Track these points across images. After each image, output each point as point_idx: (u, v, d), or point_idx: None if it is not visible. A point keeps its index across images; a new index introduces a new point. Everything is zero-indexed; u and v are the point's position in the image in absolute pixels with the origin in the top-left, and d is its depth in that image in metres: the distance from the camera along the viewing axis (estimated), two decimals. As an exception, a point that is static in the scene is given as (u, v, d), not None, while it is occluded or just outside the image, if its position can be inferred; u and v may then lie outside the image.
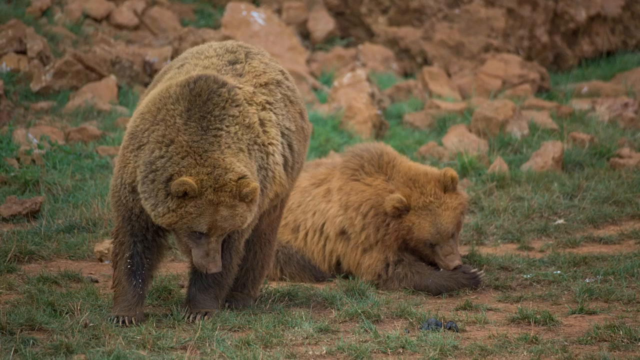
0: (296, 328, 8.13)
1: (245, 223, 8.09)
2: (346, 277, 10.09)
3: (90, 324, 7.99)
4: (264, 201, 8.40)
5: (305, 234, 10.25)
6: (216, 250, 8.04)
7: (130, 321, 8.13)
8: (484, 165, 13.95)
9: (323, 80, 19.24)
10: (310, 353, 7.63)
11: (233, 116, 8.13)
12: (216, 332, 7.92)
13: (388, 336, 7.89)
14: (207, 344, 7.70)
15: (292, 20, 20.87)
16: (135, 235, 8.26)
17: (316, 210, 10.21)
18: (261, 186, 8.28)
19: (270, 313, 8.61)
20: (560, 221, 12.02)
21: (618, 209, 12.32)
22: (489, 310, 9.02)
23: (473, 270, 9.83)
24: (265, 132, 8.32)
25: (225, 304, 8.70)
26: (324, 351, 7.67)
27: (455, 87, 19.01)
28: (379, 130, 16.26)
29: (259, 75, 8.52)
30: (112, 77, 16.40)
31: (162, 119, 8.06)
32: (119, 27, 19.19)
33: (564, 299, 9.35)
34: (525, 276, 10.04)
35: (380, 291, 9.78)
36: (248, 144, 8.17)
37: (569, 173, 13.72)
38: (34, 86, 16.00)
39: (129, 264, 8.24)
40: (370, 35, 21.16)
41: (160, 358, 7.42)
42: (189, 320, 8.28)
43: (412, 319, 8.59)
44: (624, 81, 18.88)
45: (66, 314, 8.29)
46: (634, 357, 7.61)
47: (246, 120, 8.19)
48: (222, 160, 7.96)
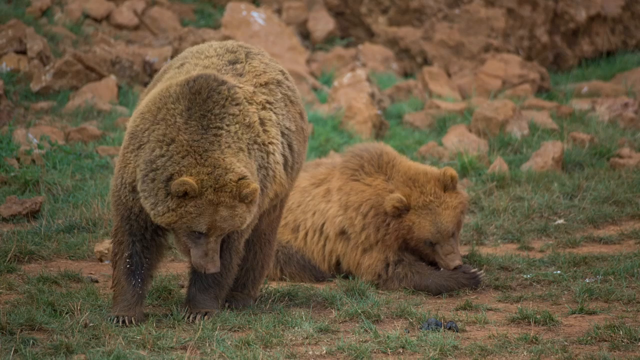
0: (296, 328, 8.12)
1: (245, 224, 8.08)
2: (346, 277, 10.09)
3: (90, 324, 7.98)
4: (264, 201, 8.39)
5: (305, 234, 10.25)
6: (215, 251, 8.03)
7: (130, 321, 8.12)
8: (484, 165, 13.95)
9: (323, 80, 19.23)
10: (310, 353, 7.63)
11: (233, 115, 8.13)
12: (216, 332, 7.92)
13: (388, 336, 7.89)
14: (207, 344, 7.69)
15: (292, 20, 20.86)
16: (134, 234, 8.25)
17: (316, 210, 10.21)
18: (261, 185, 8.28)
19: (270, 313, 8.61)
20: (560, 221, 12.02)
21: (618, 209, 12.32)
22: (489, 310, 9.02)
23: (473, 270, 9.83)
24: (265, 132, 8.31)
25: (225, 304, 8.70)
26: (324, 351, 7.67)
27: (455, 87, 19.00)
28: (379, 130, 16.25)
29: (259, 75, 8.52)
30: (112, 77, 16.40)
31: (163, 119, 8.05)
32: (119, 27, 19.18)
33: (564, 299, 9.34)
34: (525, 276, 10.04)
35: (380, 291, 9.78)
36: (248, 143, 8.16)
37: (569, 173, 13.71)
38: (34, 86, 16.00)
39: (128, 263, 8.24)
40: (370, 35, 21.16)
41: (160, 358, 7.41)
42: (189, 320, 8.27)
43: (412, 319, 8.58)
44: (624, 81, 18.87)
45: (66, 314, 8.29)
46: (634, 357, 7.60)
47: (246, 119, 8.18)
48: (223, 160, 7.96)
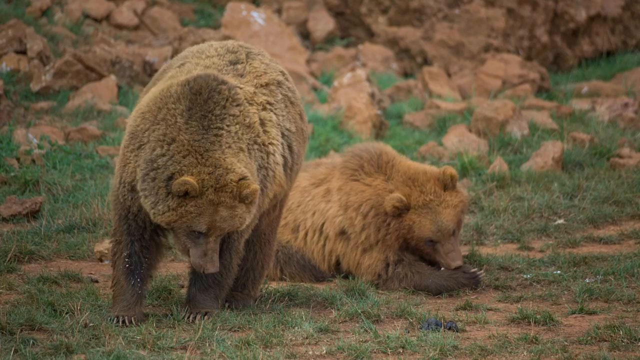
0: (296, 328, 8.12)
1: (244, 224, 8.09)
2: (346, 277, 10.08)
3: (90, 324, 7.98)
4: (264, 201, 8.39)
5: (305, 234, 10.25)
6: (214, 251, 8.03)
7: (130, 321, 8.12)
8: (484, 165, 13.95)
9: (323, 80, 19.23)
10: (310, 353, 7.63)
11: (234, 115, 8.13)
12: (216, 332, 7.91)
13: (388, 336, 7.89)
14: (207, 344, 7.69)
15: (292, 20, 20.86)
16: (133, 234, 8.25)
17: (316, 210, 10.21)
18: (261, 186, 8.28)
19: (270, 313, 8.61)
20: (560, 221, 12.01)
21: (618, 209, 12.32)
22: (489, 310, 9.02)
23: (473, 270, 9.83)
24: (265, 132, 8.31)
25: (225, 304, 8.70)
26: (324, 351, 7.66)
27: (455, 87, 19.00)
28: (379, 130, 16.25)
29: (260, 75, 8.52)
30: (112, 77, 16.40)
31: (163, 119, 8.05)
32: (119, 27, 19.18)
33: (564, 299, 9.34)
34: (525, 276, 10.03)
35: (380, 291, 9.78)
36: (248, 143, 8.16)
37: (569, 173, 13.71)
38: (34, 86, 16.00)
39: (127, 263, 8.24)
40: (370, 35, 21.16)
41: (160, 358, 7.41)
42: (189, 320, 8.27)
43: (412, 319, 8.58)
44: (624, 81, 18.87)
45: (66, 314, 8.29)
46: (634, 357, 7.60)
47: (246, 119, 8.18)
48: (223, 160, 7.96)
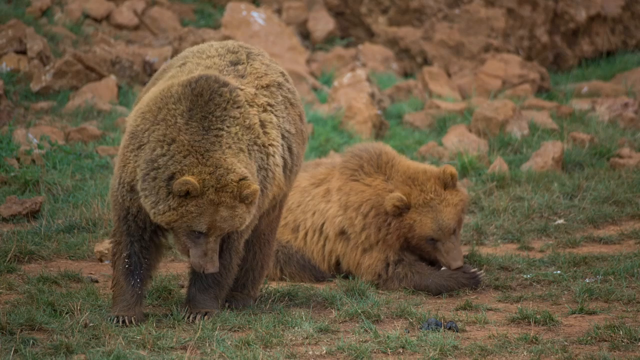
0: (296, 328, 8.12)
1: (244, 224, 8.09)
2: (346, 277, 10.08)
3: (90, 324, 7.98)
4: (264, 201, 8.39)
5: (305, 234, 10.25)
6: (214, 251, 8.03)
7: (130, 321, 8.12)
8: (484, 165, 13.95)
9: (323, 80, 19.23)
10: (310, 353, 7.63)
11: (234, 117, 8.13)
12: (216, 332, 7.91)
13: (388, 336, 7.89)
14: (207, 344, 7.69)
15: (292, 20, 20.86)
16: (132, 235, 8.25)
17: (316, 210, 10.21)
18: (261, 186, 8.28)
19: (270, 313, 8.60)
20: (560, 221, 12.01)
21: (618, 209, 12.32)
22: (489, 310, 9.01)
23: (473, 270, 9.83)
24: (265, 134, 8.31)
25: (225, 304, 8.70)
26: (324, 351, 7.66)
27: (455, 87, 19.00)
28: (379, 130, 16.25)
29: (260, 77, 8.51)
30: (112, 77, 16.40)
31: (163, 119, 8.05)
32: (119, 27, 19.18)
33: (564, 299, 9.34)
34: (525, 276, 10.03)
35: (380, 291, 9.77)
36: (248, 144, 8.16)
37: (569, 173, 13.71)
38: (34, 86, 16.00)
39: (127, 263, 8.24)
40: (370, 35, 21.16)
41: (160, 358, 7.41)
42: (189, 320, 8.27)
43: (412, 319, 8.58)
44: (624, 81, 18.87)
45: (66, 314, 8.29)
46: (634, 357, 7.60)
47: (247, 121, 8.19)
48: (224, 160, 7.96)
